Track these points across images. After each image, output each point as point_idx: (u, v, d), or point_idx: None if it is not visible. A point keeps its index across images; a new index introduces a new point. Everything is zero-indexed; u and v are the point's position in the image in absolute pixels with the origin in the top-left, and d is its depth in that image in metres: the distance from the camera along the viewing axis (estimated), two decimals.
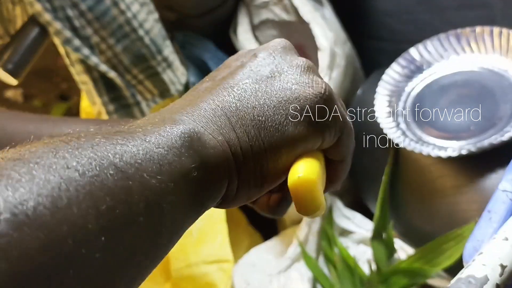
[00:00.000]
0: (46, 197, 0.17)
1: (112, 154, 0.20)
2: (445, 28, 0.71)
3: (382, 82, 0.71)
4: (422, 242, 0.64)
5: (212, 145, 0.25)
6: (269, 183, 0.28)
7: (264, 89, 0.28)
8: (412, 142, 0.64)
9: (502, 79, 0.65)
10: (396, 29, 0.85)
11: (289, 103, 0.27)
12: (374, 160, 0.72)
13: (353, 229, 0.77)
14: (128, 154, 0.21)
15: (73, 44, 0.66)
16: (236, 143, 0.26)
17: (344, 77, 0.78)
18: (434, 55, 0.71)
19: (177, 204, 0.23)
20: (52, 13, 0.64)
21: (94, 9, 0.67)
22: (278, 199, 0.37)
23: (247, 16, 0.87)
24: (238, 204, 0.29)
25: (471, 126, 0.63)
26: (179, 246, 0.73)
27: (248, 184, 0.28)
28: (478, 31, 0.68)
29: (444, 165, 0.63)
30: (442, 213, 0.63)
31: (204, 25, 0.88)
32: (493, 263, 0.30)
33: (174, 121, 0.25)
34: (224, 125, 0.27)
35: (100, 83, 0.71)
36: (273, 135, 0.27)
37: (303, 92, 0.28)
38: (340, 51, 0.78)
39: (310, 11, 0.79)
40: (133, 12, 0.70)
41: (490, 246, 0.32)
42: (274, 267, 0.75)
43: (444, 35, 0.70)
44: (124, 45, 0.70)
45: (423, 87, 0.70)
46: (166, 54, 0.74)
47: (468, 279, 0.29)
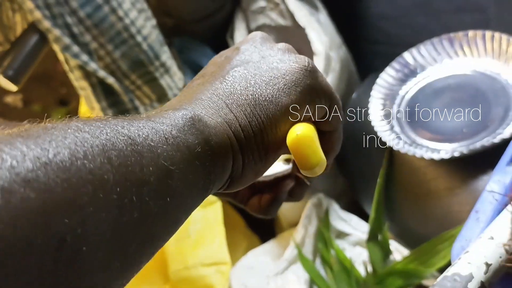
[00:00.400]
0: (64, 148, 0.19)
1: (121, 126, 0.22)
2: (441, 31, 0.72)
3: (376, 85, 0.72)
4: (417, 243, 0.65)
5: (213, 125, 0.27)
6: (271, 154, 0.30)
7: (253, 72, 0.30)
8: (406, 145, 0.65)
9: (494, 82, 0.66)
10: (393, 32, 0.86)
11: (278, 79, 0.30)
12: (370, 162, 0.73)
13: (349, 231, 0.77)
14: (134, 127, 0.23)
15: (72, 51, 0.67)
16: (235, 122, 0.28)
17: (339, 81, 0.79)
18: (428, 59, 0.72)
19: (185, 173, 0.24)
20: (51, 20, 0.66)
21: (92, 16, 0.68)
22: (270, 199, 0.39)
23: (244, 21, 0.88)
24: (246, 182, 0.30)
25: (464, 129, 0.64)
26: (177, 249, 0.74)
27: (252, 158, 0.29)
28: (471, 35, 0.69)
29: (438, 167, 0.64)
30: (436, 214, 0.64)
31: (201, 30, 0.89)
32: (479, 261, 0.31)
33: (175, 108, 0.27)
34: (221, 108, 0.28)
35: (98, 88, 0.72)
36: (268, 107, 0.29)
37: (289, 67, 0.30)
38: (335, 55, 0.79)
39: (306, 16, 0.80)
40: (131, 19, 0.71)
41: (476, 245, 0.33)
42: (271, 269, 0.75)
43: (437, 39, 0.71)
44: (122, 51, 0.71)
45: (417, 90, 0.71)
46: (164, 59, 0.75)
47: (453, 277, 0.30)
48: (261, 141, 0.29)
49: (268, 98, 0.29)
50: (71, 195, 0.18)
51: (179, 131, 0.25)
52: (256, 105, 0.29)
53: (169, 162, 0.23)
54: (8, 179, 0.16)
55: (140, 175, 0.21)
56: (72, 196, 0.18)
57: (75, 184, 0.18)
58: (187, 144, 0.25)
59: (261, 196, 0.39)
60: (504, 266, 0.32)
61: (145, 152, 0.22)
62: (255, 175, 0.30)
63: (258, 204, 0.39)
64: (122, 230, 0.20)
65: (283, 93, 0.29)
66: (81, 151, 0.19)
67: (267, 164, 0.31)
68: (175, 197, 0.23)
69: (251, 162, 0.29)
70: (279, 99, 0.29)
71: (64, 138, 0.19)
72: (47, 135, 0.19)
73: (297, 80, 0.30)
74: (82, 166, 0.19)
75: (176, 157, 0.24)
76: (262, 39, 0.33)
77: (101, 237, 0.19)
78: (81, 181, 0.18)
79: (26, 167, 0.17)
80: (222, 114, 0.28)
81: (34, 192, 0.17)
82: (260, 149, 0.29)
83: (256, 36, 0.33)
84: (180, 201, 0.24)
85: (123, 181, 0.20)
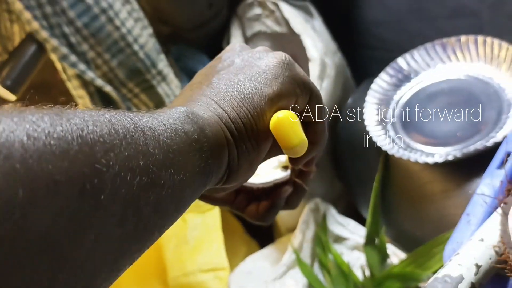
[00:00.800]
0: (76, 118, 0.21)
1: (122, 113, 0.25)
2: (436, 36, 0.73)
3: (371, 91, 0.73)
4: (413, 246, 0.66)
5: (206, 118, 0.30)
6: (262, 143, 0.32)
7: (235, 72, 0.33)
8: (401, 149, 0.66)
9: (487, 87, 0.67)
10: (388, 38, 0.87)
11: (259, 73, 0.32)
12: (366, 167, 0.74)
13: (347, 235, 0.78)
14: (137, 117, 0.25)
15: (69, 60, 0.68)
16: (225, 115, 0.31)
17: (334, 87, 0.79)
18: (421, 64, 0.73)
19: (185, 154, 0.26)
20: (49, 31, 0.66)
21: (89, 26, 0.69)
22: (267, 206, 0.40)
23: (239, 29, 0.89)
24: (243, 175, 0.32)
25: (457, 133, 0.64)
26: (175, 255, 0.74)
27: (246, 148, 0.31)
28: (463, 40, 0.69)
29: (432, 170, 0.64)
30: (431, 217, 0.64)
31: (198, 38, 0.90)
32: (469, 263, 0.32)
33: (168, 108, 0.30)
34: (210, 105, 0.31)
35: (96, 97, 0.72)
36: (252, 98, 0.31)
37: (268, 62, 0.33)
38: (330, 62, 0.79)
39: (301, 23, 0.81)
40: (127, 28, 0.72)
41: (467, 247, 0.33)
42: (270, 274, 0.76)
43: (430, 44, 0.72)
44: (119, 60, 0.72)
45: (411, 95, 0.71)
46: (161, 67, 0.76)
47: (444, 278, 0.31)
48: (251, 130, 0.31)
49: (252, 90, 0.31)
50: (86, 149, 0.20)
51: (176, 121, 0.27)
52: (242, 99, 0.31)
53: (170, 142, 0.25)
54: (31, 130, 0.19)
55: (144, 147, 0.23)
56: (88, 151, 0.20)
57: (89, 143, 0.20)
58: (184, 130, 0.27)
59: (259, 203, 0.41)
60: (494, 268, 0.33)
61: (147, 130, 0.24)
62: (250, 166, 0.32)
63: (256, 211, 0.41)
64: (135, 191, 0.22)
65: (265, 85, 0.32)
66: (90, 121, 0.21)
67: (260, 154, 0.33)
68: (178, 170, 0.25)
69: (245, 152, 0.31)
70: (262, 90, 0.31)
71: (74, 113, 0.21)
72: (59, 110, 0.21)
73: (276, 73, 0.32)
74: (92, 131, 0.21)
75: (175, 139, 0.26)
76: (240, 47, 0.36)
77: (116, 191, 0.21)
78: (93, 141, 0.21)
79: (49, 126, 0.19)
80: (212, 109, 0.31)
81: (54, 140, 0.19)
82: (251, 138, 0.31)
83: (235, 45, 0.36)
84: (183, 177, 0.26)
85: (130, 150, 0.22)
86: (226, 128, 0.30)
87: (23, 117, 0.19)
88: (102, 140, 0.21)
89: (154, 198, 0.23)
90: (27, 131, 0.18)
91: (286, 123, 0.31)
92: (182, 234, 0.76)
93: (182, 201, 0.27)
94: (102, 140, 0.21)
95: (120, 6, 0.71)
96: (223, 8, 0.89)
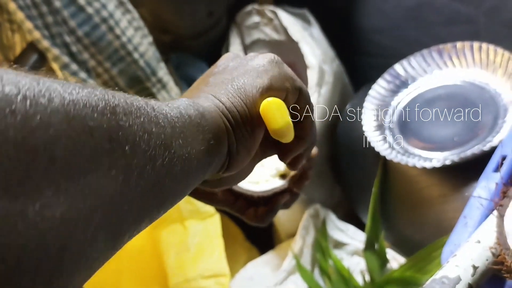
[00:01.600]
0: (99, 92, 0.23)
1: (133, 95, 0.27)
2: (433, 43, 0.74)
3: (369, 97, 0.73)
4: (413, 250, 0.66)
5: (206, 106, 0.32)
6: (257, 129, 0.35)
7: (230, 72, 0.36)
8: (399, 154, 0.66)
9: (483, 92, 0.67)
10: (385, 45, 0.88)
11: (252, 70, 0.35)
12: (365, 172, 0.74)
13: (347, 241, 0.78)
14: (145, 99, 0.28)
15: (70, 69, 0.69)
16: (221, 105, 0.33)
17: (333, 93, 0.80)
18: (418, 70, 0.73)
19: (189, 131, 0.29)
20: (50, 40, 0.67)
21: (90, 35, 0.70)
22: (265, 210, 0.46)
23: (238, 37, 0.90)
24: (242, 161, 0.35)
25: (454, 137, 0.65)
26: (176, 262, 0.75)
27: (242, 134, 0.34)
28: (459, 46, 0.70)
29: (430, 175, 0.65)
30: (430, 221, 0.65)
31: (197, 46, 0.91)
32: (466, 264, 0.32)
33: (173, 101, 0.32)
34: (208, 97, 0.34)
35: None
36: (245, 88, 0.34)
37: (259, 61, 0.36)
38: (329, 69, 0.80)
39: (299, 30, 0.82)
40: (128, 37, 0.72)
41: (464, 249, 0.34)
42: (271, 280, 0.76)
43: (427, 50, 0.73)
44: (119, 68, 0.73)
45: (409, 101, 0.72)
46: (161, 75, 0.77)
47: (441, 279, 0.31)
48: (245, 118, 0.34)
49: (245, 82, 0.35)
50: (110, 109, 0.23)
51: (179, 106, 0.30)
52: (235, 90, 0.34)
53: (176, 120, 0.28)
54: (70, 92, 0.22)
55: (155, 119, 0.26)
56: (111, 110, 0.23)
57: (111, 105, 0.23)
58: (188, 113, 0.30)
59: (257, 208, 0.46)
60: (491, 269, 0.33)
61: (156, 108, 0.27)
62: (248, 152, 0.35)
63: (254, 214, 0.46)
64: (151, 150, 0.25)
65: (257, 77, 0.35)
66: (109, 92, 0.24)
67: (256, 141, 0.35)
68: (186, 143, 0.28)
69: (241, 138, 0.34)
70: (254, 81, 0.34)
71: (95, 86, 0.24)
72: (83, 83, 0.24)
73: (267, 68, 0.35)
74: (113, 97, 0.24)
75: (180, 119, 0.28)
76: (234, 55, 0.39)
77: (137, 146, 0.24)
78: (114, 104, 0.24)
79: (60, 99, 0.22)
80: (209, 100, 0.34)
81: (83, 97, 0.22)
82: (247, 125, 0.34)
83: (229, 54, 0.39)
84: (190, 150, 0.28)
85: (144, 118, 0.25)
86: (224, 116, 0.33)
87: (69, 84, 0.22)
88: (121, 105, 0.24)
89: (167, 161, 0.26)
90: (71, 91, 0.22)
91: (273, 105, 0.34)
92: (183, 241, 0.77)
93: (190, 173, 0.29)
94: (121, 105, 0.24)
95: (121, 15, 0.72)
96: (222, 16, 0.90)
